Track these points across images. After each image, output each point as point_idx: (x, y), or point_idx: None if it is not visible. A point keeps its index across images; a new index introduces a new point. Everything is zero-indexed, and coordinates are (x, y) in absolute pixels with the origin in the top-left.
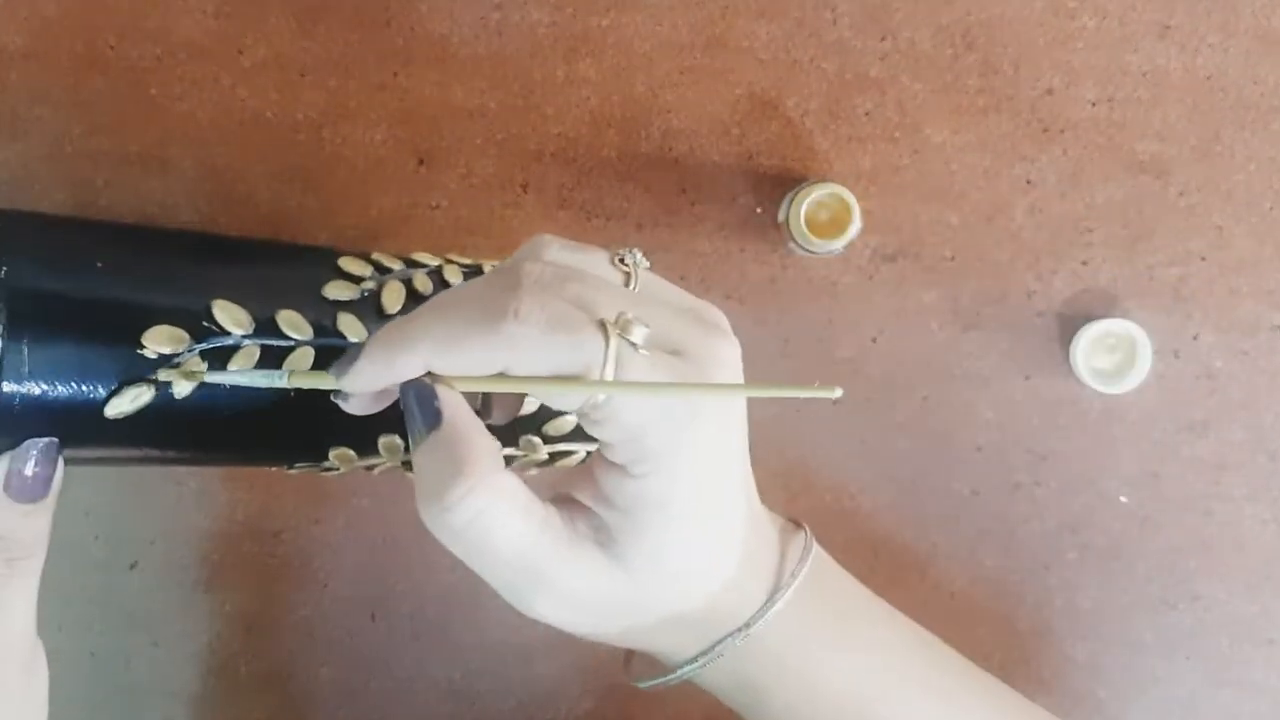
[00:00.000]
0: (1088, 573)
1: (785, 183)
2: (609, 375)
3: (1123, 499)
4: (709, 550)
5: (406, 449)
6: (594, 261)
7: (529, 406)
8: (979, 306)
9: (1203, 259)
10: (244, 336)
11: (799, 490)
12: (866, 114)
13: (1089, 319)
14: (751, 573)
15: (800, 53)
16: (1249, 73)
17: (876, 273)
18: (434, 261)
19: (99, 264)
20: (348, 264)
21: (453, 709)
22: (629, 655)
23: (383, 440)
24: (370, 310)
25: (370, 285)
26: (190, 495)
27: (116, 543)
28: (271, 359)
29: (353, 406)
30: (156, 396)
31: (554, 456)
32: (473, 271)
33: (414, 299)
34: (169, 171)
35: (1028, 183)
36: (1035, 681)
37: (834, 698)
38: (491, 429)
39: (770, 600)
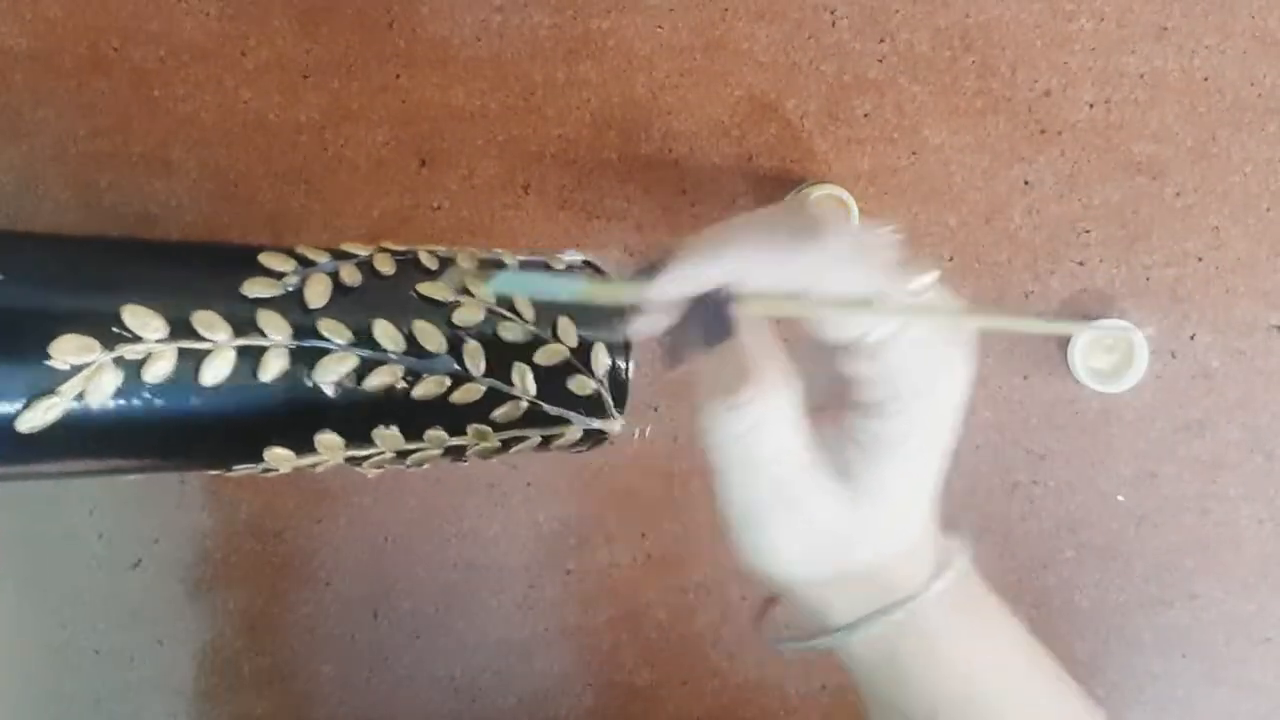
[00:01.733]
0: (1085, 571)
1: (785, 184)
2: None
3: (1120, 498)
4: (924, 497)
5: (346, 444)
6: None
7: (475, 394)
8: (977, 307)
9: (1199, 259)
10: (158, 341)
11: None
12: (865, 116)
13: (1086, 319)
14: (926, 545)
15: (799, 55)
16: (1246, 74)
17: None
18: (363, 251)
19: (0, 275)
20: (269, 259)
21: (454, 706)
22: (762, 613)
23: (320, 438)
24: (294, 305)
25: (293, 280)
26: (193, 494)
27: (120, 541)
28: (189, 363)
29: (642, 326)
30: (72, 408)
31: (506, 443)
32: (405, 258)
33: (341, 292)
34: (172, 173)
35: (1025, 184)
36: None
37: (969, 686)
38: (441, 416)
39: (936, 576)
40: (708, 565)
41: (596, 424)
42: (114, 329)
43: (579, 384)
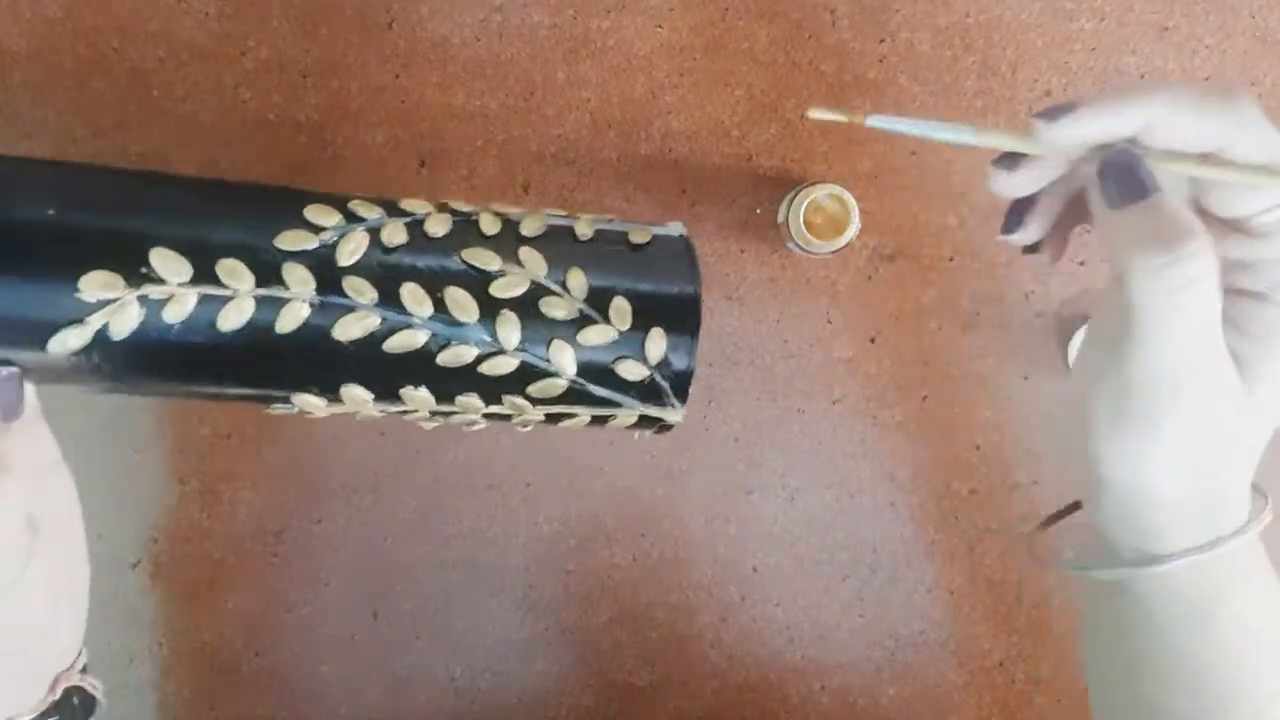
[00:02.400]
0: None
1: (785, 184)
2: None
3: None
4: None
5: (375, 399)
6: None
7: (507, 367)
8: (977, 307)
9: None
10: (179, 284)
11: (799, 490)
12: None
13: (1086, 319)
14: (1229, 496)
15: (799, 55)
16: (1246, 74)
17: (876, 273)
18: (420, 210)
19: (50, 210)
20: (314, 212)
21: (454, 706)
22: (1039, 533)
23: (346, 390)
24: (324, 260)
25: (330, 236)
26: (193, 495)
27: (119, 542)
28: (210, 307)
29: (1018, 180)
30: (94, 337)
31: (551, 418)
32: (464, 219)
33: (378, 250)
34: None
35: None
36: (1035, 680)
37: (1217, 665)
38: (472, 384)
39: (1242, 530)
40: (708, 565)
41: (652, 411)
42: (142, 269)
43: (629, 368)
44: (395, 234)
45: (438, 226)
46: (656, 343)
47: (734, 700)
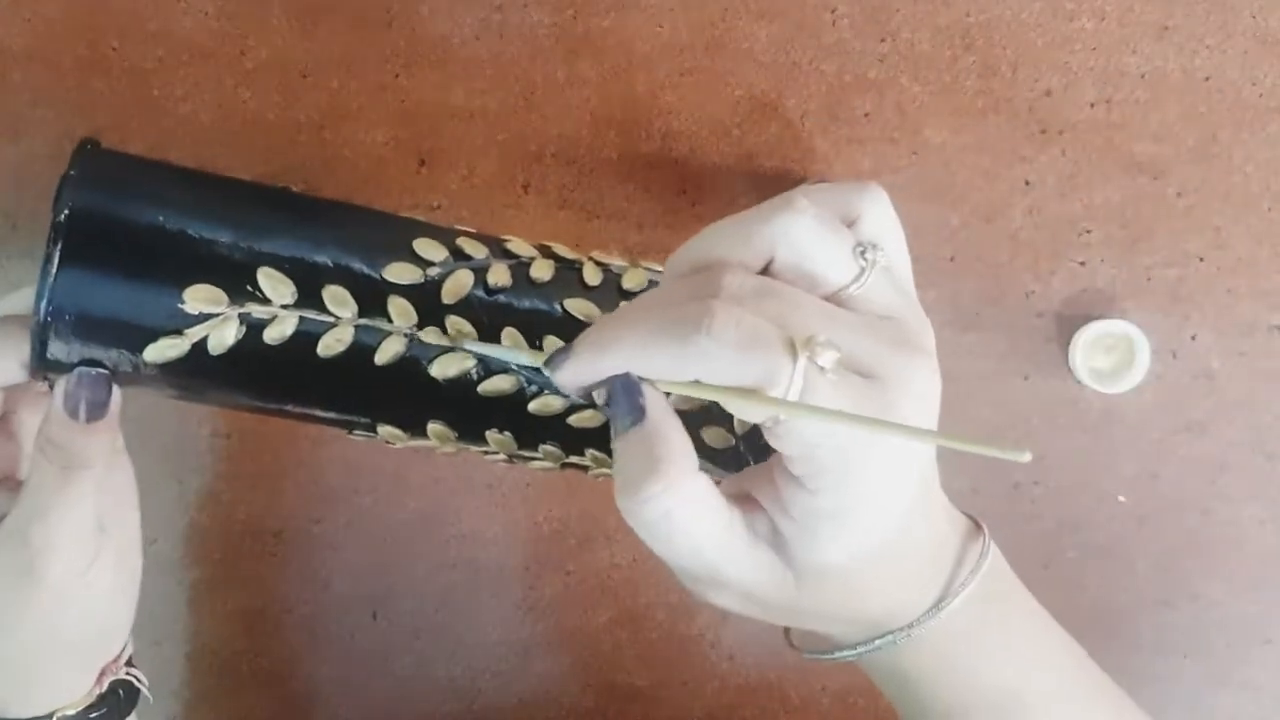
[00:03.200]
0: (1087, 572)
1: (785, 184)
2: (793, 397)
3: (1121, 499)
4: (878, 567)
5: (458, 438)
6: (832, 248)
7: (595, 422)
8: (978, 307)
9: (1201, 259)
10: (283, 307)
11: None
12: (866, 115)
13: (1087, 319)
14: (921, 580)
15: (800, 54)
16: (1247, 74)
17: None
18: (525, 253)
19: (161, 217)
20: (423, 246)
21: (454, 707)
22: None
23: (432, 426)
24: (429, 297)
25: (437, 271)
26: (192, 494)
27: None
28: (310, 331)
29: (566, 389)
30: (191, 349)
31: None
32: (568, 267)
33: (483, 290)
34: None
35: (1026, 184)
36: None
37: (982, 697)
38: (558, 434)
39: (936, 607)
40: None
41: (718, 474)
42: (248, 286)
43: (715, 435)
44: (500, 276)
45: (542, 272)
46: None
47: (734, 700)
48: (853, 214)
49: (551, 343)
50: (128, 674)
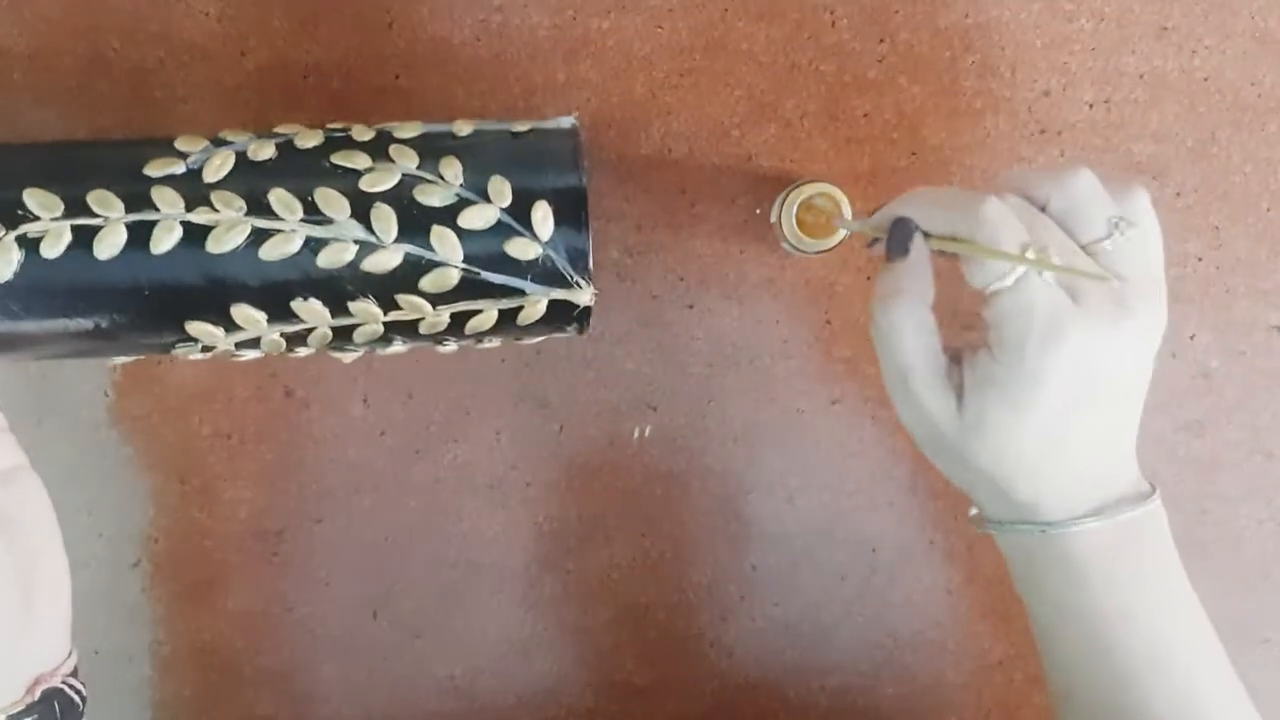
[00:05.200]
0: None
1: (784, 184)
2: (1010, 280)
3: None
4: (1028, 453)
5: (269, 319)
6: (1095, 207)
7: (391, 262)
8: (978, 307)
9: (1199, 259)
10: (53, 220)
11: (798, 490)
12: (865, 116)
13: None
14: (1075, 491)
15: (799, 55)
16: (1246, 74)
17: (875, 273)
18: (290, 130)
19: None
20: (183, 143)
21: (454, 706)
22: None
23: (236, 311)
24: (192, 181)
25: (198, 159)
26: (193, 494)
27: (119, 541)
28: (85, 238)
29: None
30: None
31: (456, 319)
32: (336, 134)
33: (245, 166)
34: None
35: None
36: (1034, 679)
37: (1089, 617)
38: (362, 287)
39: (1079, 519)
40: (708, 565)
41: (558, 294)
42: (18, 211)
43: (520, 247)
44: (263, 150)
45: (308, 140)
46: (543, 217)
47: (734, 700)
48: (1126, 200)
49: (323, 194)
50: (65, 684)
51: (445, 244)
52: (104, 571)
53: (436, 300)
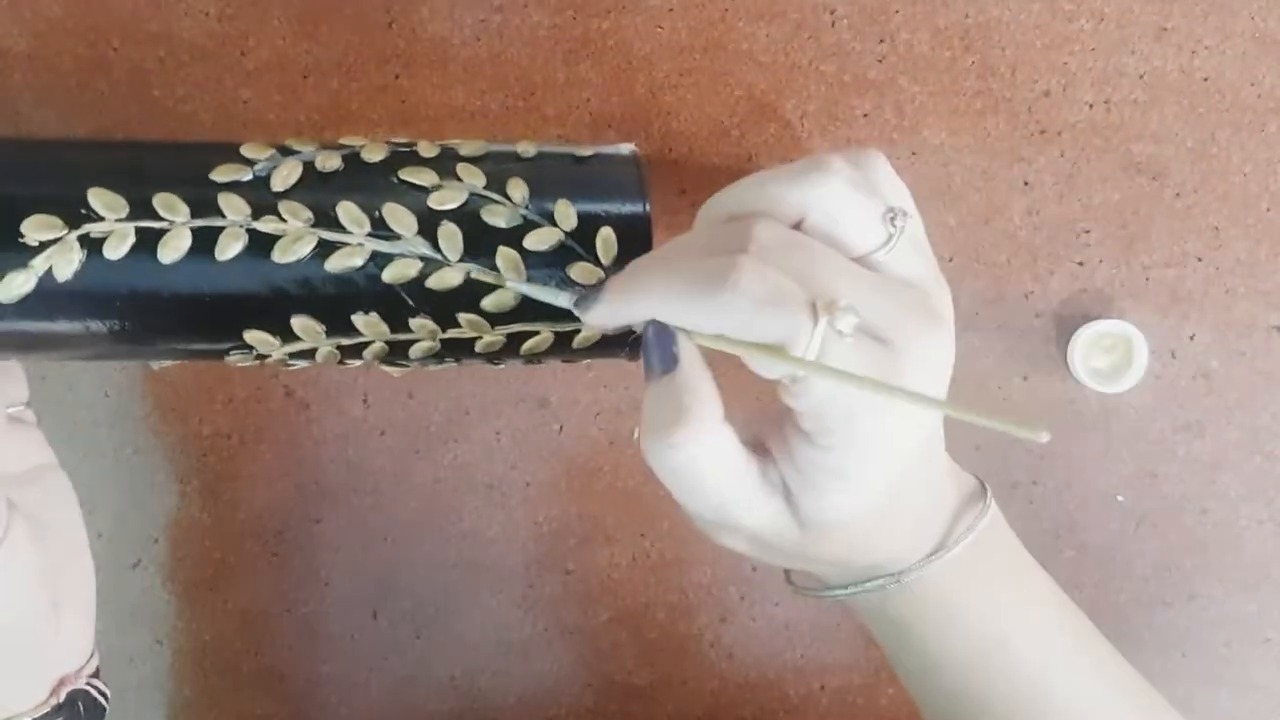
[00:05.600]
0: (1085, 572)
1: None
2: (810, 356)
3: (1120, 498)
4: (878, 523)
5: (327, 331)
6: (862, 210)
7: (454, 280)
8: (977, 307)
9: (1199, 260)
10: (117, 220)
11: None
12: (865, 116)
13: (1086, 319)
14: (917, 534)
15: (799, 55)
16: (1246, 75)
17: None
18: (358, 142)
19: None
20: (249, 150)
21: (454, 706)
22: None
23: (296, 321)
24: (259, 189)
25: (265, 167)
26: (193, 493)
27: (119, 541)
28: (149, 241)
29: (597, 328)
30: (39, 282)
31: (512, 339)
32: (402, 148)
33: (312, 175)
34: None
35: (1025, 184)
36: None
37: (967, 642)
38: (423, 304)
39: (928, 558)
40: (708, 565)
41: None
42: (81, 210)
43: (582, 272)
44: (330, 161)
45: (374, 154)
46: (607, 242)
47: (734, 700)
48: (875, 176)
49: (391, 210)
50: (89, 685)
51: (509, 265)
52: (104, 571)
53: (495, 320)
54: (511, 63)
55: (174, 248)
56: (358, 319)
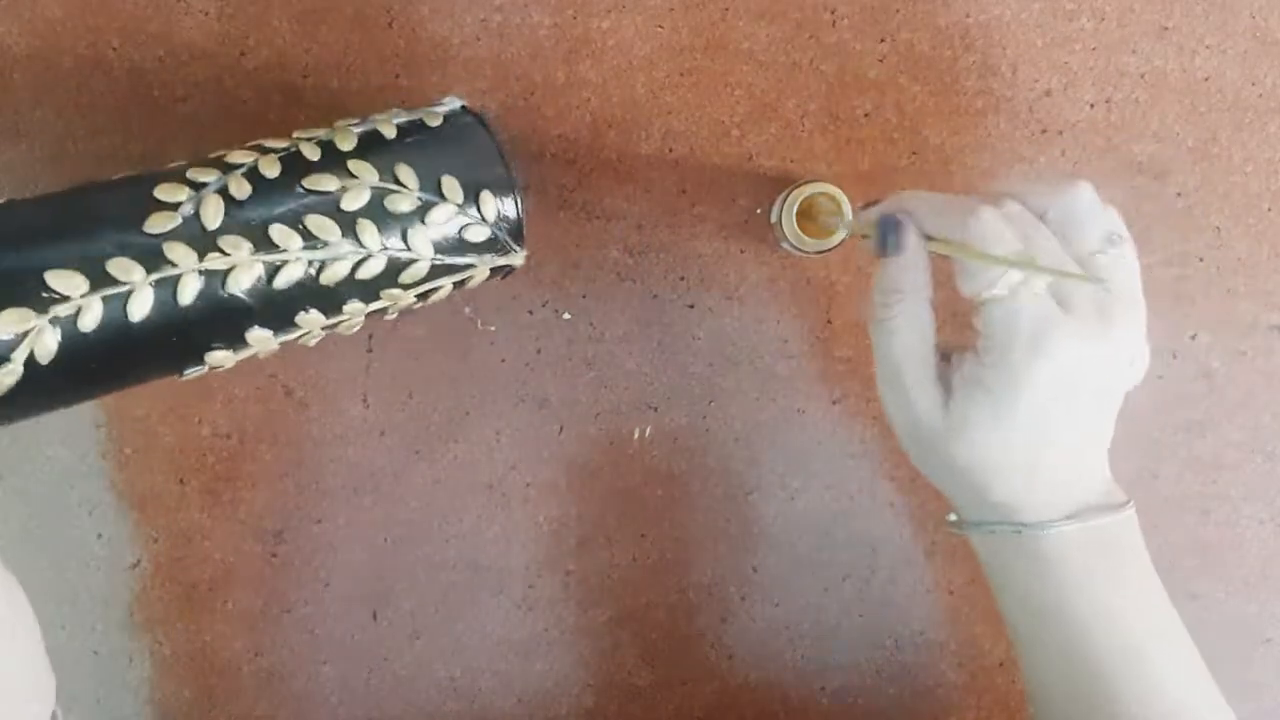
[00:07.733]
0: None
1: (785, 184)
2: (1000, 289)
3: None
4: (1009, 457)
5: (275, 334)
6: (1090, 221)
7: (378, 267)
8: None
9: (1200, 259)
10: (82, 296)
11: (799, 490)
12: (865, 115)
13: None
14: (1050, 495)
15: (800, 55)
16: (1246, 74)
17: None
18: (247, 159)
19: None
20: (164, 192)
21: (454, 706)
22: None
23: (250, 334)
24: (194, 230)
25: (189, 208)
26: (193, 495)
27: (119, 542)
28: (116, 305)
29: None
30: (25, 370)
31: (421, 297)
32: (287, 154)
33: (234, 206)
34: None
35: None
36: None
37: (1062, 616)
38: (353, 292)
39: (1063, 519)
40: (708, 565)
41: (499, 261)
42: (44, 294)
43: (475, 232)
44: (240, 186)
45: (270, 169)
46: (489, 203)
47: (734, 700)
48: (1113, 217)
49: (315, 222)
50: None
51: (420, 242)
52: (104, 572)
53: (409, 287)
54: (512, 62)
55: (140, 305)
56: (300, 318)
